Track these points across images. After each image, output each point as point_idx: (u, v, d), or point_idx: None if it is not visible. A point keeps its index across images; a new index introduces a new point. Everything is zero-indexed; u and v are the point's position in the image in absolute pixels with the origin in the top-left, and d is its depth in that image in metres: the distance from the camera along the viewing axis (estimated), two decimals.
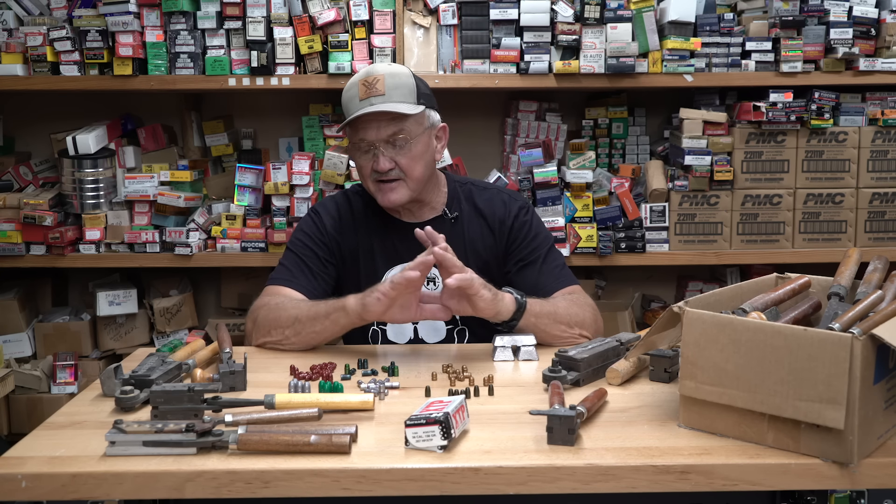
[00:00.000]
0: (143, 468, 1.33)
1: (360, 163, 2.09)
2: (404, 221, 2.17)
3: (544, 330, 1.95)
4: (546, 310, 1.97)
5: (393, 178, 2.06)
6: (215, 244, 3.00)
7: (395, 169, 2.05)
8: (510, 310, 1.90)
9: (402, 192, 2.08)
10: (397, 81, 2.04)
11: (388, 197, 2.07)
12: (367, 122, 2.03)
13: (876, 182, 2.98)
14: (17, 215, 2.94)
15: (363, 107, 2.01)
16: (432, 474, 1.33)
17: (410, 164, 2.05)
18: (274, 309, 1.99)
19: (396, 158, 2.05)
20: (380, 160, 2.03)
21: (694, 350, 1.41)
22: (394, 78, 2.04)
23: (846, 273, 1.60)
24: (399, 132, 2.03)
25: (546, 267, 2.12)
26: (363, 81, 2.03)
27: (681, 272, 3.38)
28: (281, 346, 1.97)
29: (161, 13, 2.86)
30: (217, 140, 3.23)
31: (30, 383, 3.06)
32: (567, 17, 2.85)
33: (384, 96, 2.01)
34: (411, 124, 2.05)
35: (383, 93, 2.01)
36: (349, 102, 2.06)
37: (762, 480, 1.34)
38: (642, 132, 3.24)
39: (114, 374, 1.64)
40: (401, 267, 2.14)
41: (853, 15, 2.89)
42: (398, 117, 2.03)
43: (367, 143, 2.05)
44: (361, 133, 2.05)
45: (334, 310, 1.91)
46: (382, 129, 2.03)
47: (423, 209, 2.18)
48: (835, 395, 1.28)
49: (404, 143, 2.04)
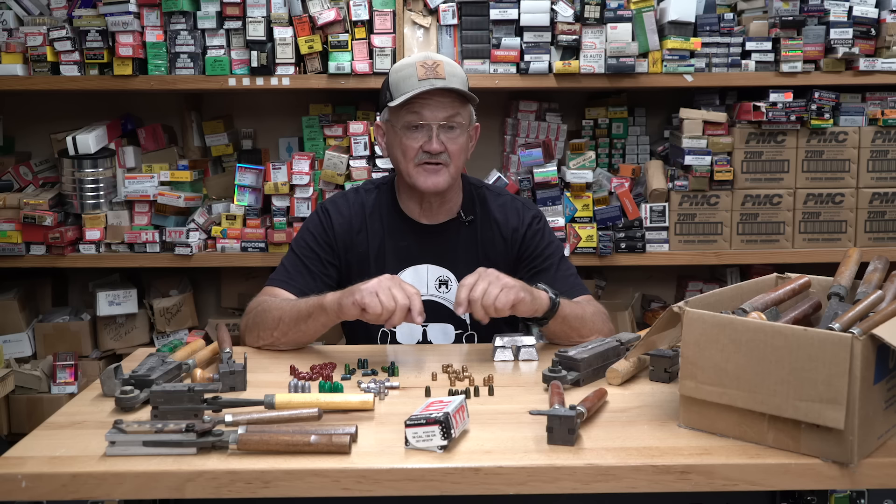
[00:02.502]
0: (143, 468, 1.33)
1: (406, 142, 2.04)
2: (419, 223, 2.16)
3: (569, 332, 1.95)
4: (576, 313, 1.97)
5: (440, 162, 2.04)
6: (215, 244, 3.00)
7: (444, 153, 2.04)
8: (544, 307, 1.89)
9: (445, 178, 2.05)
10: (455, 70, 2.06)
11: (433, 179, 2.05)
12: (426, 101, 2.01)
13: (876, 182, 2.98)
14: (17, 215, 2.94)
15: (424, 85, 1.99)
16: (432, 474, 1.33)
17: (457, 152, 2.05)
18: (261, 312, 1.99)
19: (446, 143, 2.03)
20: (433, 140, 2.02)
21: (694, 350, 1.41)
22: (451, 66, 2.05)
23: (846, 273, 1.60)
24: (456, 116, 2.03)
25: (559, 275, 2.11)
26: (422, 63, 2.02)
27: (681, 272, 3.38)
28: (274, 347, 1.97)
29: (161, 13, 2.86)
30: (217, 140, 3.23)
31: (30, 383, 3.06)
32: (567, 17, 2.85)
33: (444, 80, 2.00)
34: (465, 113, 2.06)
35: (444, 77, 2.01)
36: (403, 82, 2.02)
37: (762, 480, 1.34)
38: (642, 132, 3.24)
39: (114, 374, 1.64)
40: (413, 269, 2.14)
41: (853, 15, 2.89)
42: (458, 101, 2.03)
43: (421, 121, 2.02)
44: (417, 110, 2.02)
45: (314, 308, 1.89)
46: (441, 110, 2.02)
47: (441, 210, 2.16)
48: (835, 395, 1.28)
49: (455, 130, 2.04)
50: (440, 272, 2.14)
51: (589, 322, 1.99)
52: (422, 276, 2.14)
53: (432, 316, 2.13)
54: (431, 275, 2.14)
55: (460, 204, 2.18)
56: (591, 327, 1.98)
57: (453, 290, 2.12)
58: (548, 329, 1.96)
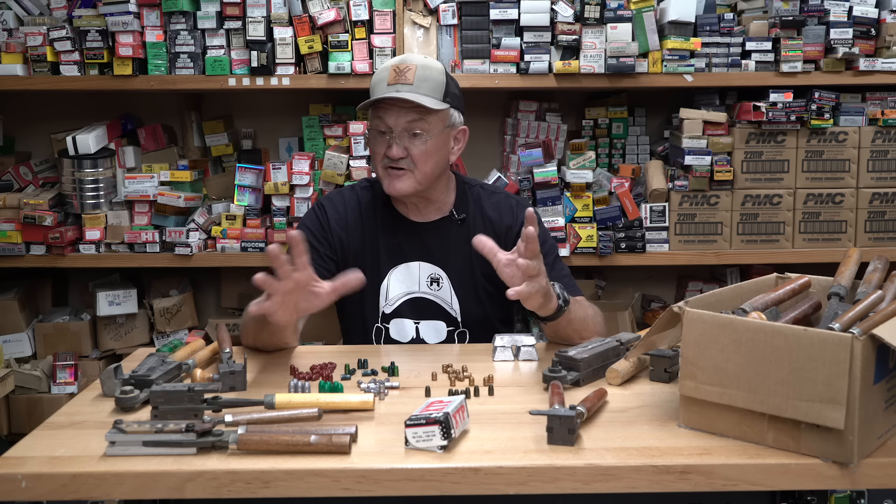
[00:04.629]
0: (143, 468, 1.33)
1: (373, 146, 2.11)
2: (411, 220, 2.17)
3: (571, 333, 1.95)
4: (580, 315, 1.97)
5: (402, 167, 2.06)
6: (215, 244, 3.00)
7: (406, 158, 2.06)
8: (553, 307, 1.87)
9: (408, 183, 2.07)
10: (428, 74, 2.05)
11: (394, 184, 2.08)
12: (388, 107, 2.04)
13: (876, 182, 2.98)
14: (17, 215, 2.94)
15: (388, 91, 2.02)
16: (432, 474, 1.33)
17: (422, 157, 2.06)
18: (244, 315, 2.00)
19: (410, 148, 2.05)
20: (392, 146, 2.05)
21: (694, 350, 1.41)
22: (426, 70, 2.05)
23: (846, 273, 1.60)
24: (418, 122, 2.04)
25: (554, 274, 2.10)
26: (395, 67, 2.05)
27: (681, 272, 3.38)
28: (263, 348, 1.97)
29: (161, 13, 2.86)
30: (217, 140, 3.23)
31: (30, 383, 3.06)
32: (567, 17, 2.85)
33: (412, 86, 2.02)
34: (432, 119, 2.06)
35: (412, 82, 2.02)
36: (377, 85, 2.07)
37: (762, 480, 1.34)
38: (642, 132, 3.24)
39: (114, 374, 1.64)
40: (405, 266, 2.15)
41: (853, 15, 2.89)
42: (419, 108, 2.03)
43: (384, 126, 2.06)
44: (381, 116, 2.06)
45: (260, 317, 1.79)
46: (402, 117, 2.04)
47: (431, 208, 2.18)
48: (835, 395, 1.28)
49: (420, 136, 2.05)
50: (432, 269, 2.15)
51: (591, 324, 2.00)
52: (413, 273, 2.15)
53: (424, 313, 2.15)
54: (423, 272, 2.15)
55: (453, 202, 2.19)
56: (591, 329, 1.99)
57: (444, 288, 2.14)
58: (552, 328, 1.96)
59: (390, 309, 2.15)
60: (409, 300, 2.15)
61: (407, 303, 2.15)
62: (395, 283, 2.15)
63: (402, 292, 2.15)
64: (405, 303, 2.15)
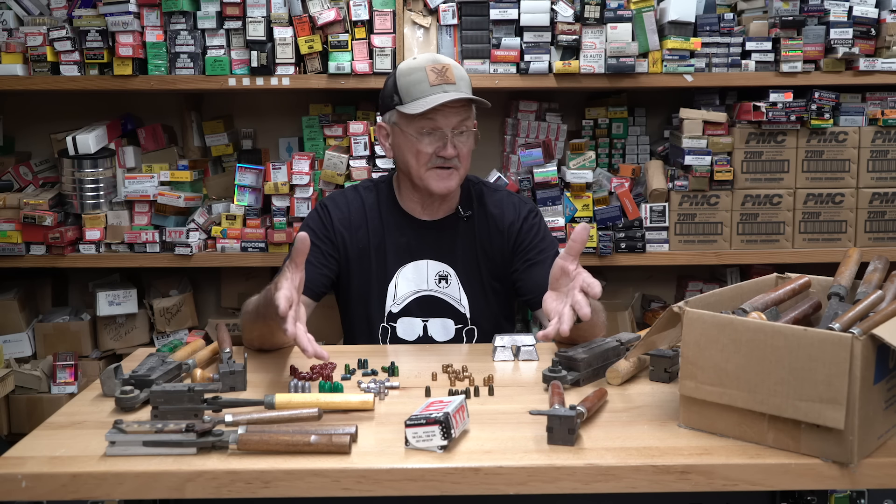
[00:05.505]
0: (143, 468, 1.33)
1: (418, 146, 2.06)
2: (419, 219, 2.18)
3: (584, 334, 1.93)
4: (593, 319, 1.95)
5: (451, 166, 2.08)
6: (215, 244, 3.00)
7: (456, 157, 2.07)
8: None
9: (456, 180, 2.10)
10: (461, 73, 2.09)
11: (445, 183, 2.08)
12: (439, 107, 2.03)
13: (876, 182, 2.98)
14: (17, 215, 2.94)
15: (437, 92, 2.01)
16: (432, 474, 1.33)
17: (467, 154, 2.10)
18: (243, 313, 1.99)
19: (459, 147, 2.07)
20: (448, 146, 2.05)
21: (694, 350, 1.41)
22: (458, 69, 2.09)
23: (846, 273, 1.60)
24: (466, 121, 2.08)
25: None
26: (432, 68, 2.04)
27: (681, 272, 3.38)
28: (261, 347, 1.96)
29: (161, 13, 2.86)
30: (217, 140, 3.23)
31: (30, 383, 3.06)
32: (567, 17, 2.85)
33: (455, 85, 2.04)
34: (472, 116, 2.11)
35: (454, 81, 2.04)
36: (414, 87, 2.03)
37: (762, 480, 1.34)
38: (642, 132, 3.24)
39: (114, 374, 1.64)
40: (413, 265, 2.15)
41: (853, 15, 2.89)
42: (468, 107, 2.07)
43: (433, 126, 2.05)
44: (431, 116, 2.04)
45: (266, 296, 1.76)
46: (453, 117, 2.05)
47: (442, 206, 2.18)
48: (835, 395, 1.28)
49: (466, 133, 2.08)
50: (440, 267, 2.16)
51: (599, 325, 1.99)
52: (422, 271, 2.15)
53: (433, 311, 2.15)
54: (431, 270, 2.16)
55: (458, 200, 2.20)
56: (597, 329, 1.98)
57: (453, 286, 2.15)
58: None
59: (398, 308, 2.15)
60: (418, 298, 2.15)
61: (415, 301, 2.15)
62: (404, 282, 2.15)
63: (411, 291, 2.15)
64: (413, 301, 2.15)
